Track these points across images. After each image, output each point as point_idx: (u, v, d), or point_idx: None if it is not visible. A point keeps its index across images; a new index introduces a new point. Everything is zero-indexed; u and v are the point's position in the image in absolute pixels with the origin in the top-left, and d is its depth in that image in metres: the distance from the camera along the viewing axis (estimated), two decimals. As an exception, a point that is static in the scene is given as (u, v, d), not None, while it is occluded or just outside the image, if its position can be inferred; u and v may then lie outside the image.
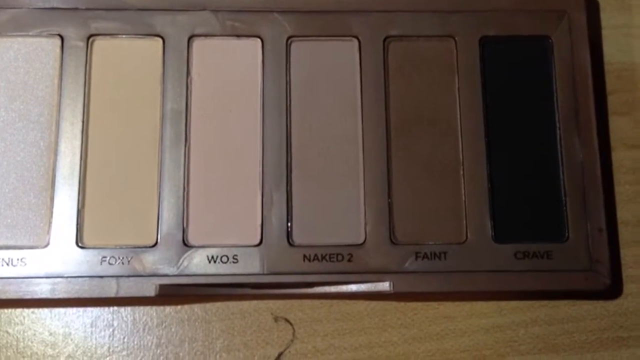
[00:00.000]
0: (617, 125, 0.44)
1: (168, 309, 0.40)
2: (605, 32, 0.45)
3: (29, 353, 0.40)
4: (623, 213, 0.43)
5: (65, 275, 0.38)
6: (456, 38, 0.42)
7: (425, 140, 0.41)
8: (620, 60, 0.45)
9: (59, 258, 0.39)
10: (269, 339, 0.40)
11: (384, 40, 0.42)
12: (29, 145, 0.40)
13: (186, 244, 0.39)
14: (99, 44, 0.41)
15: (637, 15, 0.46)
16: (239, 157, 0.41)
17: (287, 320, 0.41)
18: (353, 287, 0.40)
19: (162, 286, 0.38)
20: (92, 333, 0.40)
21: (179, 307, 0.40)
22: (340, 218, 0.40)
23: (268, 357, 0.40)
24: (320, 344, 0.40)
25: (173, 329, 0.40)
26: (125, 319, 0.40)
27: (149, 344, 0.40)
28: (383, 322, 0.41)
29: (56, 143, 0.40)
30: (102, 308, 0.40)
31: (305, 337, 0.41)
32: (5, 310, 0.40)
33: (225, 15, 0.42)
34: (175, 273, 0.39)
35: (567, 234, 0.40)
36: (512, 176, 0.41)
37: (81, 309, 0.40)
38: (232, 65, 0.42)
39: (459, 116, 0.41)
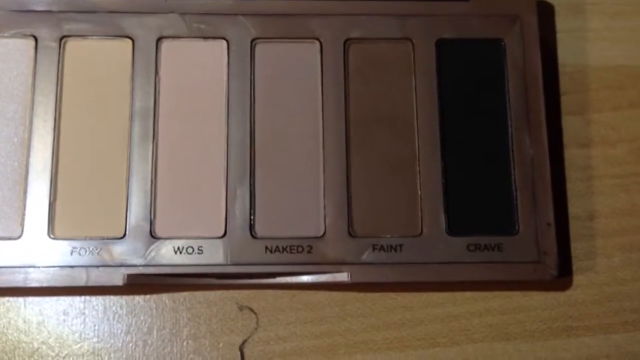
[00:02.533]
0: (570, 125, 0.45)
1: (137, 298, 0.42)
2: (560, 35, 0.47)
3: (3, 340, 0.41)
4: (574, 208, 0.44)
5: (38, 265, 0.40)
6: (413, 40, 0.44)
7: (383, 138, 0.43)
8: (574, 62, 0.46)
9: (32, 249, 0.40)
10: (233, 327, 0.42)
11: (345, 42, 0.43)
12: (3, 141, 0.41)
13: (153, 236, 0.41)
14: (71, 44, 0.43)
15: (591, 19, 0.47)
16: (205, 153, 0.42)
17: (251, 309, 0.42)
18: (313, 278, 0.41)
19: (129, 276, 0.40)
20: (64, 321, 0.41)
21: (147, 296, 0.42)
22: (301, 211, 0.42)
23: (232, 344, 0.41)
24: (283, 332, 0.42)
25: (142, 317, 0.42)
26: (96, 307, 0.42)
27: (119, 331, 0.41)
28: (343, 311, 0.42)
29: (29, 139, 0.41)
30: (74, 297, 0.41)
31: (268, 325, 0.42)
32: (-20, 299, 0.41)
33: (192, 18, 0.43)
34: (143, 263, 0.40)
35: (517, 228, 0.42)
36: (465, 172, 0.42)
37: (54, 298, 0.41)
38: (198, 65, 0.43)
39: (415, 115, 0.43)
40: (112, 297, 0.42)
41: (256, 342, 0.42)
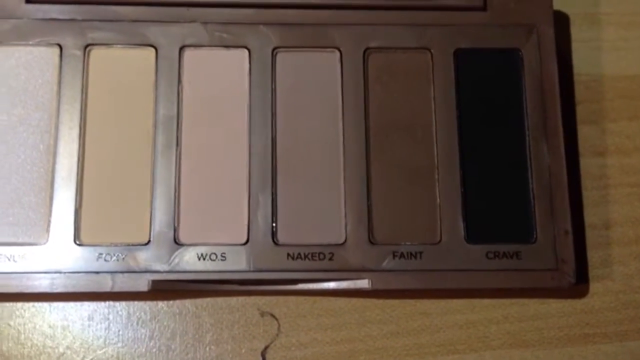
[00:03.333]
0: (585, 134, 0.46)
1: (160, 303, 0.42)
2: (575, 45, 0.47)
3: (29, 344, 0.42)
4: (590, 217, 0.45)
5: (64, 270, 0.40)
6: (432, 50, 0.44)
7: (403, 146, 0.43)
8: (589, 72, 0.47)
9: (58, 255, 0.40)
10: (255, 332, 0.42)
11: (364, 51, 0.44)
12: (29, 148, 0.42)
13: (177, 242, 0.41)
14: (96, 53, 0.43)
15: (606, 29, 0.48)
16: (227, 160, 0.42)
17: (272, 315, 0.42)
18: (334, 285, 0.41)
19: (154, 282, 0.40)
20: (89, 326, 0.42)
21: (170, 302, 0.42)
22: (322, 219, 0.42)
23: (255, 350, 0.42)
24: (304, 337, 0.42)
25: (165, 323, 0.42)
26: (120, 312, 0.42)
27: (143, 336, 0.42)
28: (363, 317, 0.43)
29: (55, 146, 0.42)
30: (98, 302, 0.42)
31: (289, 331, 0.42)
32: (7, 304, 0.42)
33: (214, 27, 0.44)
34: (167, 269, 0.41)
35: (535, 236, 0.42)
36: (484, 180, 0.43)
37: (79, 303, 0.42)
38: (220, 74, 0.43)
39: (434, 123, 0.43)
40: (136, 303, 0.42)
41: (278, 347, 0.42)
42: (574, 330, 0.43)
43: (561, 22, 0.47)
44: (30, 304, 0.42)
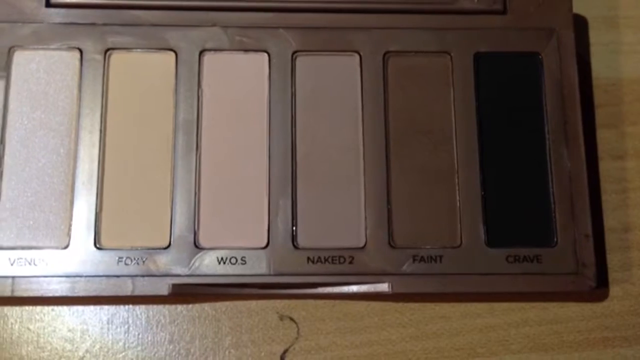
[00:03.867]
0: (604, 137, 0.46)
1: (180, 307, 0.42)
2: (593, 49, 0.47)
3: (48, 348, 0.42)
4: (609, 220, 0.45)
5: (84, 274, 0.40)
6: (452, 54, 0.44)
7: (422, 149, 0.43)
8: (608, 76, 0.47)
9: (78, 258, 0.41)
10: (274, 336, 0.42)
11: (384, 55, 0.44)
12: (50, 152, 0.42)
13: (197, 246, 0.41)
14: (116, 57, 0.43)
15: (624, 33, 0.48)
16: (247, 164, 0.42)
17: (291, 319, 0.42)
18: (354, 288, 0.41)
19: (174, 285, 0.40)
20: (108, 329, 0.42)
21: (189, 305, 0.42)
22: (342, 222, 0.42)
23: (274, 353, 0.42)
24: (323, 341, 0.42)
25: (185, 326, 0.42)
26: (139, 316, 0.42)
27: (162, 340, 0.42)
28: (382, 321, 0.43)
29: (76, 150, 0.42)
30: (117, 306, 0.42)
31: (309, 335, 0.42)
32: (26, 308, 0.42)
33: (234, 31, 0.44)
34: (187, 273, 0.41)
35: (555, 239, 0.42)
36: (504, 184, 0.43)
37: (98, 307, 0.42)
38: (240, 78, 0.43)
39: (454, 127, 0.43)
40: (155, 307, 0.42)
41: (297, 351, 0.42)
42: (594, 334, 0.43)
43: (580, 25, 0.47)
44: (50, 307, 0.42)
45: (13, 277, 0.40)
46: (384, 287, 0.41)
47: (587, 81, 0.46)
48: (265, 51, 0.44)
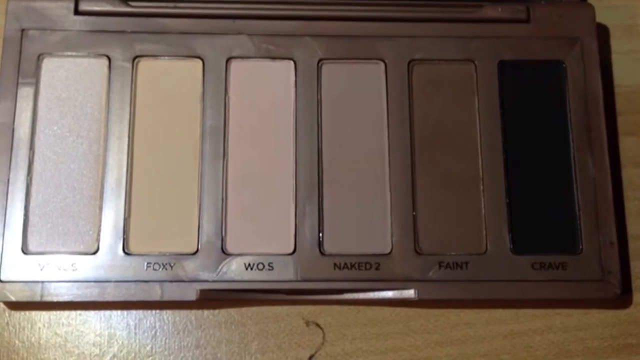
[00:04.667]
0: (627, 145, 0.46)
1: (206, 312, 0.42)
2: (615, 57, 0.47)
3: (76, 353, 0.42)
4: (633, 227, 0.45)
5: (113, 279, 0.41)
6: (476, 62, 0.44)
7: (447, 157, 0.43)
8: (629, 84, 0.47)
9: (107, 264, 0.41)
10: (300, 341, 0.42)
11: (409, 63, 0.44)
12: (78, 158, 0.42)
13: (225, 252, 0.41)
14: (144, 64, 0.44)
15: (645, 41, 0.48)
16: (274, 171, 0.43)
17: (317, 325, 0.43)
18: (380, 294, 0.42)
19: (202, 291, 0.41)
20: (135, 334, 0.42)
21: (216, 310, 0.42)
22: (369, 229, 0.42)
23: (300, 359, 0.42)
24: (349, 347, 0.42)
25: (211, 332, 0.42)
26: (166, 321, 0.42)
27: (189, 345, 0.42)
28: (407, 327, 0.43)
29: (104, 156, 0.42)
30: (145, 311, 0.42)
31: (334, 340, 0.42)
32: (54, 312, 0.42)
33: (260, 39, 0.44)
34: (215, 279, 0.41)
35: (580, 247, 0.42)
36: (528, 191, 0.43)
37: (125, 312, 0.42)
38: (267, 85, 0.44)
39: (478, 134, 0.43)
40: (182, 312, 0.42)
41: (323, 357, 0.42)
42: (618, 340, 0.43)
43: (601, 34, 0.47)
44: (77, 312, 0.42)
45: (42, 282, 0.40)
46: (410, 293, 0.41)
47: (609, 89, 0.47)
48: (291, 59, 0.44)
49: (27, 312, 0.42)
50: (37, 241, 0.41)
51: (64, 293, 0.40)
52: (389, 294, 0.41)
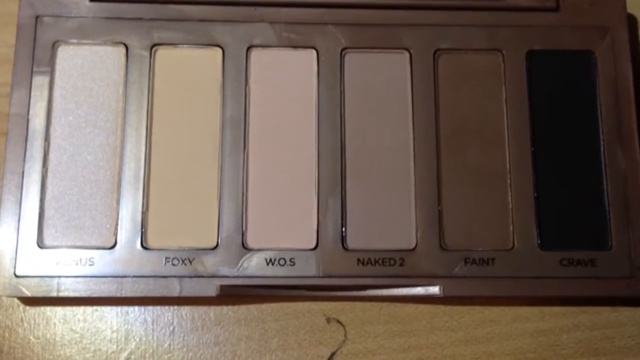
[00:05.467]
0: (656, 137, 0.45)
1: (225, 308, 0.41)
2: (643, 48, 0.46)
3: (92, 349, 0.41)
4: (661, 223, 0.44)
5: (131, 275, 0.40)
6: (503, 52, 0.43)
7: (474, 150, 0.42)
8: (659, 75, 0.46)
9: (125, 258, 0.40)
10: (321, 339, 0.42)
11: (434, 52, 0.43)
12: (95, 150, 0.41)
13: (245, 247, 0.40)
14: (162, 53, 0.43)
15: (674, 31, 0.47)
16: (296, 163, 0.42)
17: (338, 322, 0.42)
18: (405, 291, 0.41)
19: (222, 287, 0.40)
20: (153, 331, 0.41)
21: (235, 307, 0.42)
22: (393, 224, 0.41)
23: (321, 356, 0.41)
24: (371, 344, 0.42)
25: (230, 328, 0.41)
26: (185, 317, 0.41)
27: (208, 342, 0.41)
28: (431, 324, 0.42)
29: (122, 147, 0.41)
30: (162, 307, 0.41)
31: (356, 337, 0.42)
32: (70, 308, 0.41)
33: (282, 27, 0.43)
34: (235, 274, 0.40)
35: (610, 243, 0.41)
36: (557, 185, 0.42)
37: (142, 308, 0.41)
38: (288, 74, 0.43)
39: (506, 126, 0.42)
40: (201, 308, 0.42)
41: (345, 354, 0.41)
42: (646, 339, 0.42)
43: (630, 24, 0.46)
44: (93, 308, 0.41)
45: (59, 277, 0.39)
46: (435, 290, 0.40)
47: (638, 80, 0.45)
48: (314, 48, 0.43)
49: (42, 308, 0.41)
50: (53, 235, 0.40)
51: (80, 288, 0.39)
52: (413, 291, 0.41)
